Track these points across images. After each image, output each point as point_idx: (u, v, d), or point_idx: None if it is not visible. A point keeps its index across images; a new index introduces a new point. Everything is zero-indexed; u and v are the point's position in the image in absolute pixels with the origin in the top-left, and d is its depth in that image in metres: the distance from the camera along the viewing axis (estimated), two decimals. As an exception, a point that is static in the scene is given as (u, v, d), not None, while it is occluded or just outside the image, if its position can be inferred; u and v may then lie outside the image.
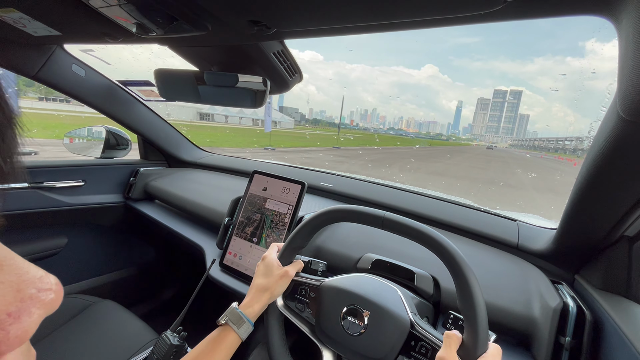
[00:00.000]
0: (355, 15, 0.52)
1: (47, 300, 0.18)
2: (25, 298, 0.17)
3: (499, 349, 0.48)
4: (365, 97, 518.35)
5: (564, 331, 0.63)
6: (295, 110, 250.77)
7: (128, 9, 0.59)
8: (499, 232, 0.94)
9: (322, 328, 0.62)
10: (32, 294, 0.17)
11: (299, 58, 0.95)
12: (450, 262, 0.50)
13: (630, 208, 0.55)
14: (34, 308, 0.17)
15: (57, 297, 0.19)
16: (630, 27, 0.34)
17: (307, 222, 0.65)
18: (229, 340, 0.57)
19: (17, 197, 1.18)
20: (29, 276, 0.18)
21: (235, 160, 1.67)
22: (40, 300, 0.18)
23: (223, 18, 0.61)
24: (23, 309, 0.17)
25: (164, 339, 0.71)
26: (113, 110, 1.35)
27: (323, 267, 0.74)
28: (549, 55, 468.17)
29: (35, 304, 0.17)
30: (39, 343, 0.88)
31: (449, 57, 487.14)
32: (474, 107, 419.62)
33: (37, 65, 1.07)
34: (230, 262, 0.94)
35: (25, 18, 0.76)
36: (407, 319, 0.56)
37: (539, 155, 54.98)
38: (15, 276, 0.17)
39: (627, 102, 0.39)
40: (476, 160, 24.71)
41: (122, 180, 1.51)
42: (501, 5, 0.42)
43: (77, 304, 1.05)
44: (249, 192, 0.99)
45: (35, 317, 0.17)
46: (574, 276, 0.78)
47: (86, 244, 1.46)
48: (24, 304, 0.17)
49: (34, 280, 0.18)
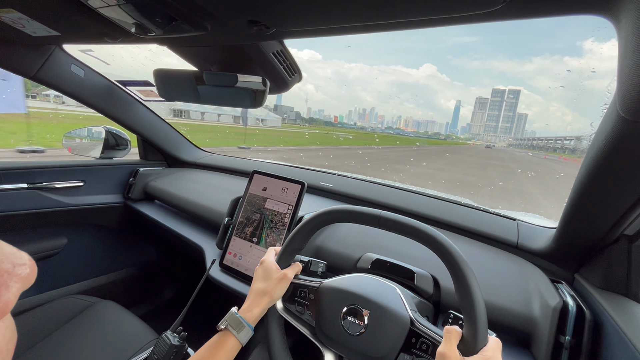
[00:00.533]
0: (354, 15, 0.52)
1: (23, 274, 0.19)
2: (2, 272, 0.18)
3: (498, 342, 0.48)
4: (364, 97, 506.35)
5: (564, 330, 0.63)
6: (291, 109, 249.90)
7: (127, 9, 0.59)
8: (499, 231, 0.94)
9: (323, 329, 0.62)
10: (8, 268, 0.18)
11: (298, 57, 0.95)
12: (447, 257, 0.50)
13: (629, 207, 0.55)
14: (12, 282, 0.18)
15: (32, 272, 0.20)
16: (630, 26, 0.34)
17: (304, 224, 0.65)
18: (229, 345, 0.57)
19: (16, 197, 1.18)
20: (2, 251, 0.19)
21: (234, 160, 1.67)
22: (16, 275, 0.19)
23: (222, 18, 0.61)
24: (1, 283, 0.18)
25: (164, 339, 0.71)
26: (112, 111, 1.35)
27: (323, 267, 0.74)
28: (547, 55, 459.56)
29: (12, 278, 0.18)
30: (39, 344, 0.88)
31: (447, 57, 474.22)
32: (472, 106, 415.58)
33: (36, 65, 1.07)
34: (230, 262, 0.94)
35: (24, 18, 0.76)
36: (407, 317, 0.56)
37: (542, 156, 53.50)
38: None
39: (627, 101, 0.39)
40: (469, 165, 19.19)
41: (121, 181, 1.51)
42: (500, 5, 0.42)
43: (77, 305, 1.05)
44: (249, 192, 0.99)
45: (14, 290, 0.18)
46: (573, 275, 0.78)
47: (86, 244, 1.45)
48: (2, 278, 0.18)
49: (8, 255, 0.19)
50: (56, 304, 1.04)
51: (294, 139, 28.45)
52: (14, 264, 0.19)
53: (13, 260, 0.19)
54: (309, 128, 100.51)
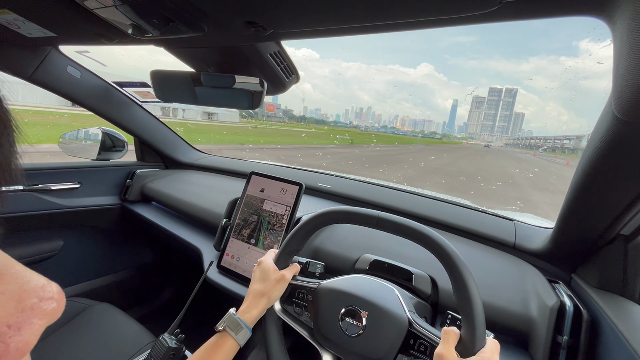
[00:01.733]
0: (351, 16, 0.53)
1: (48, 309, 0.17)
2: (26, 308, 0.16)
3: (496, 344, 0.48)
4: (362, 96, 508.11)
5: (561, 330, 0.63)
6: (278, 106, 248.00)
7: (123, 10, 0.59)
8: (496, 231, 0.94)
9: (321, 331, 0.61)
10: (34, 303, 0.17)
11: (295, 56, 0.95)
12: (444, 257, 0.50)
13: (625, 207, 0.55)
14: (35, 318, 0.16)
15: (59, 306, 0.18)
16: (625, 28, 0.35)
17: (301, 225, 0.65)
18: (227, 347, 0.57)
19: (12, 199, 1.17)
20: (30, 285, 0.17)
21: (232, 162, 1.67)
22: (41, 310, 0.17)
23: (219, 19, 0.61)
24: (24, 320, 0.16)
25: (162, 341, 0.70)
26: (109, 112, 1.34)
27: (321, 268, 0.74)
28: (544, 55, 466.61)
29: (36, 314, 0.17)
30: (35, 347, 0.88)
31: (444, 56, 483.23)
32: (469, 105, 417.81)
33: (32, 66, 1.06)
34: (228, 263, 0.94)
35: (20, 19, 0.75)
36: (405, 318, 0.56)
37: (555, 157, 50.69)
38: (17, 285, 0.16)
39: (622, 102, 0.39)
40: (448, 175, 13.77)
41: (118, 182, 1.50)
42: (496, 6, 0.42)
43: (73, 307, 1.04)
44: (247, 194, 0.98)
45: (37, 327, 0.17)
46: (570, 275, 0.79)
47: (82, 246, 1.44)
48: (25, 314, 0.16)
49: (36, 289, 0.17)
50: None
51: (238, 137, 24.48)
52: (40, 298, 0.17)
53: (40, 294, 0.17)
54: (286, 125, 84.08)
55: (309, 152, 17.52)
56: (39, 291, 0.17)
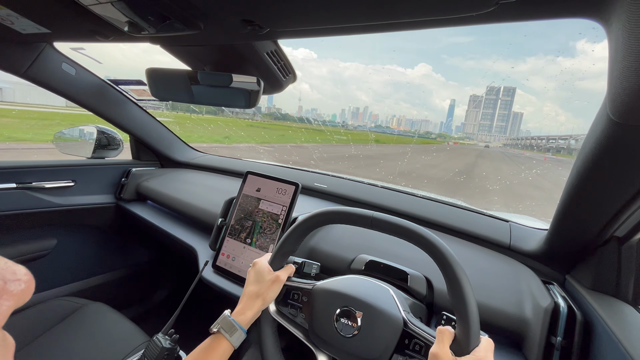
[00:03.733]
0: (348, 15, 0.52)
1: (16, 291, 0.18)
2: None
3: (490, 343, 0.48)
4: (360, 96, 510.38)
5: (555, 331, 0.64)
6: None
7: (119, 7, 0.58)
8: (491, 232, 0.95)
9: (316, 332, 0.61)
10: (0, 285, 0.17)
11: (292, 56, 0.94)
12: (439, 257, 0.50)
13: (619, 209, 0.56)
14: (2, 299, 0.17)
15: (28, 288, 0.19)
16: (620, 30, 0.35)
17: (296, 226, 0.64)
18: (221, 349, 0.57)
19: (4, 197, 1.15)
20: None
21: (228, 161, 1.66)
22: (8, 292, 0.17)
23: (216, 17, 0.60)
24: None
25: (156, 341, 0.69)
26: (104, 110, 1.33)
27: (316, 268, 0.74)
28: (541, 55, 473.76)
29: (2, 295, 0.17)
30: (28, 346, 0.87)
31: (442, 56, 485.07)
32: (467, 105, 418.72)
33: (25, 63, 1.05)
34: (224, 263, 0.93)
35: (13, 15, 0.74)
36: (400, 318, 0.56)
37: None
38: None
39: (617, 105, 0.39)
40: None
41: (113, 181, 1.49)
42: (493, 7, 0.42)
43: (66, 307, 1.03)
44: (243, 193, 0.98)
45: (4, 308, 0.17)
46: (564, 276, 0.79)
47: (76, 245, 1.43)
48: None
49: (2, 271, 0.18)
50: (45, 306, 1.02)
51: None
52: (5, 280, 0.18)
53: (5, 276, 0.18)
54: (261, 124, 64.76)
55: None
56: (4, 273, 0.18)
